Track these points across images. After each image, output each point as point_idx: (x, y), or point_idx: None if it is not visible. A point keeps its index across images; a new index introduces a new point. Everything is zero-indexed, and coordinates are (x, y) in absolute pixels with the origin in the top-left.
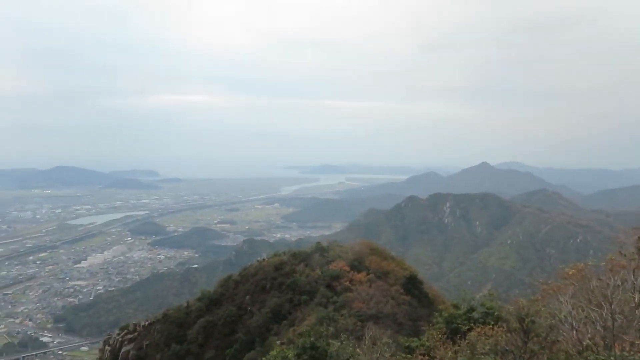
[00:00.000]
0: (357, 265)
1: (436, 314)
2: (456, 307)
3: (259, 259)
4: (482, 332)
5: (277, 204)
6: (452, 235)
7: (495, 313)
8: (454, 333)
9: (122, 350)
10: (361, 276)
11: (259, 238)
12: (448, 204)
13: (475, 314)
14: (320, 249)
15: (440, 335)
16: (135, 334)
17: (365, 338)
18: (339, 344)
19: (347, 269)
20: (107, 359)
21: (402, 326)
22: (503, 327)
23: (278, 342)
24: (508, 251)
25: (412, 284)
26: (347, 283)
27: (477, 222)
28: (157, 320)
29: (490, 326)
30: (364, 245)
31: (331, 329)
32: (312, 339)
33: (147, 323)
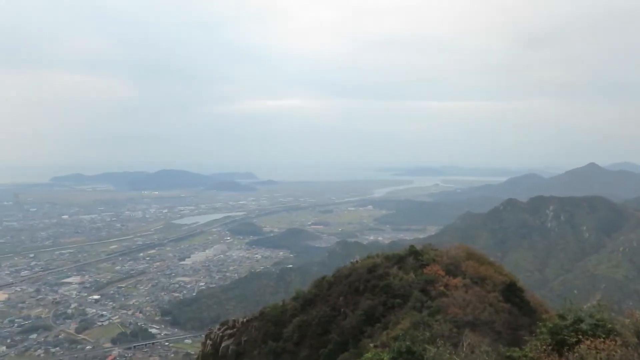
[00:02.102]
0: (452, 269)
1: (540, 323)
2: (562, 317)
3: (352, 260)
4: (593, 346)
5: (370, 206)
6: (555, 240)
7: (608, 325)
8: (560, 345)
9: (223, 344)
10: (457, 281)
11: (352, 240)
12: (551, 208)
13: (583, 326)
14: (414, 252)
15: (544, 347)
16: (235, 329)
17: (463, 345)
18: (436, 349)
19: (442, 273)
20: (209, 352)
21: (501, 335)
22: (616, 341)
23: (371, 345)
24: (620, 259)
25: (512, 291)
26: (442, 288)
27: (584, 228)
28: (254, 318)
29: (602, 339)
30: (460, 249)
31: (427, 333)
32: (407, 343)
33: (245, 320)
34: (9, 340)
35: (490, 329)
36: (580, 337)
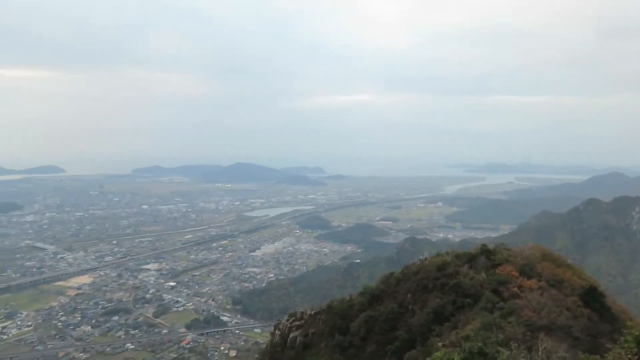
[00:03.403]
0: (527, 270)
1: (624, 331)
2: None
3: (421, 257)
4: None
5: (440, 203)
6: None
7: None
8: None
9: (291, 335)
10: (531, 283)
11: (420, 237)
12: (637, 209)
13: None
14: (486, 251)
15: (629, 356)
16: (302, 321)
17: (538, 349)
18: (509, 352)
19: (516, 274)
20: (277, 342)
21: (579, 341)
22: None
23: (440, 344)
24: None
25: (592, 296)
26: (516, 289)
27: None
28: (322, 311)
29: None
30: (535, 249)
31: (500, 335)
32: (479, 344)
33: (313, 312)
34: (93, 321)
35: (567, 335)
36: None
